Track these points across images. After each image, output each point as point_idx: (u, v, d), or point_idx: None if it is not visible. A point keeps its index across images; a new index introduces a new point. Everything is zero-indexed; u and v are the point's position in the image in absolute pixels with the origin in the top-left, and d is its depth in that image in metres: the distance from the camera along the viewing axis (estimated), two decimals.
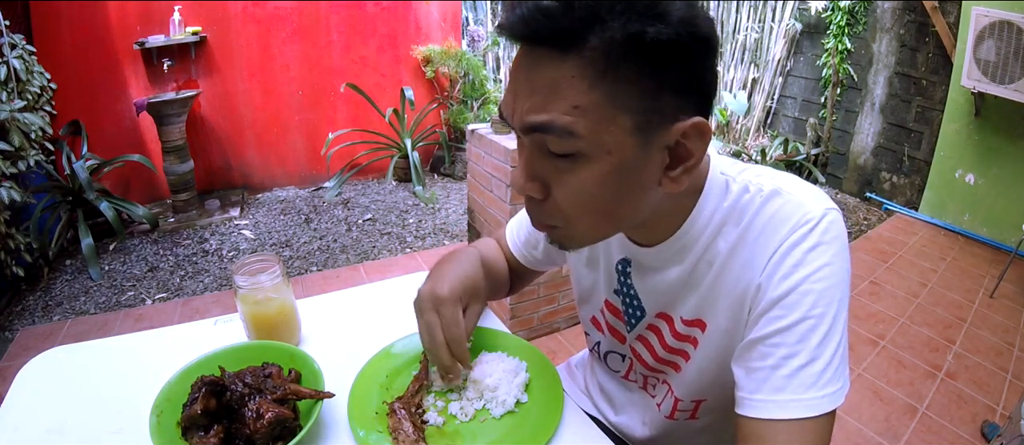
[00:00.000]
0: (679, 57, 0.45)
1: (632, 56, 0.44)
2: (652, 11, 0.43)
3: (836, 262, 0.52)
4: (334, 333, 0.83)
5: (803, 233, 0.52)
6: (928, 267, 3.04)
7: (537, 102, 0.47)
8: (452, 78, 4.33)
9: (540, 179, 0.51)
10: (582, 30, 0.44)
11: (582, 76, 0.45)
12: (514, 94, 0.49)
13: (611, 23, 0.43)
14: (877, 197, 3.95)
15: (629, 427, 0.80)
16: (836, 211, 0.54)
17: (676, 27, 0.44)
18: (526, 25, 0.45)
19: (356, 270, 2.90)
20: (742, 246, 0.56)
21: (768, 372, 0.51)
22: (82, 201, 2.91)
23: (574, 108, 0.45)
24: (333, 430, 0.64)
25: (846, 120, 4.08)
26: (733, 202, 0.57)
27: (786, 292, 0.52)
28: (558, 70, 0.45)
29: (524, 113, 0.48)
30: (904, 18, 3.60)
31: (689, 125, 0.48)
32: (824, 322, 0.51)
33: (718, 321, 0.59)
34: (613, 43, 0.44)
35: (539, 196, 0.52)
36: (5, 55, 2.57)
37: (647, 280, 0.65)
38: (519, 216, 0.84)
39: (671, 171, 0.50)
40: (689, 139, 0.49)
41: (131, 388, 0.67)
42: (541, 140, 0.49)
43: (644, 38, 0.43)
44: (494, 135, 2.17)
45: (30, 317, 2.44)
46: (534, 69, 0.47)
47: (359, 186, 4.10)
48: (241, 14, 3.57)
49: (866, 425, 1.87)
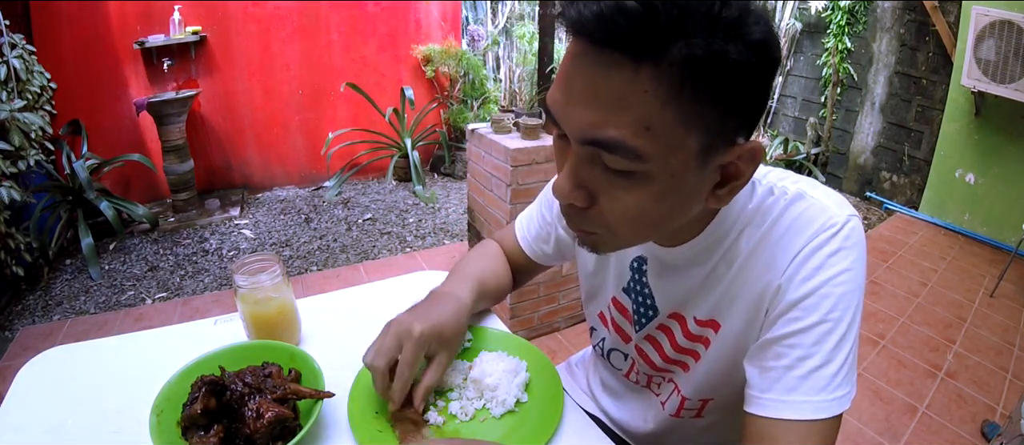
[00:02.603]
0: (753, 79, 0.43)
1: (711, 75, 0.41)
2: (737, 30, 0.41)
3: (855, 268, 0.52)
4: (334, 333, 0.82)
5: (826, 237, 0.52)
6: (928, 267, 3.04)
7: (602, 115, 0.43)
8: (452, 77, 4.33)
9: (587, 188, 0.48)
10: (665, 40, 0.40)
11: (655, 91, 0.41)
12: (568, 96, 0.45)
13: (695, 37, 0.40)
14: (877, 197, 3.95)
15: (631, 423, 0.79)
16: (857, 218, 0.54)
17: (757, 49, 0.42)
18: (602, 24, 0.40)
19: (356, 270, 2.90)
20: (763, 247, 0.55)
21: (782, 372, 0.52)
22: (82, 201, 2.91)
23: (645, 129, 0.42)
24: (333, 430, 0.63)
25: (846, 119, 4.08)
26: (757, 204, 0.57)
27: (806, 294, 0.52)
28: (630, 81, 0.41)
29: (585, 125, 0.44)
30: (904, 17, 3.60)
31: (747, 149, 0.47)
32: (840, 326, 0.51)
33: (733, 321, 0.59)
34: (694, 59, 0.40)
35: (583, 205, 0.49)
36: (5, 55, 2.57)
37: (665, 279, 0.65)
38: (530, 210, 0.83)
39: (718, 190, 0.49)
40: (742, 160, 0.47)
41: (131, 388, 0.67)
42: (597, 153, 0.45)
43: (726, 58, 0.40)
44: (494, 135, 2.17)
45: (30, 317, 2.44)
46: (600, 75, 0.42)
47: (359, 186, 4.10)
48: (241, 14, 3.57)
49: (866, 425, 1.87)
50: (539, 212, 0.81)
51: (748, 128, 0.47)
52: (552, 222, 0.79)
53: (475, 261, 0.82)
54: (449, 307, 0.69)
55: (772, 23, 0.43)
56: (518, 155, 2.03)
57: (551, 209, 0.79)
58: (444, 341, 0.66)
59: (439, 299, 0.70)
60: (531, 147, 2.05)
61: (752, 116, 0.46)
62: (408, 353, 0.62)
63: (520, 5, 4.99)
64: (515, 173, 2.05)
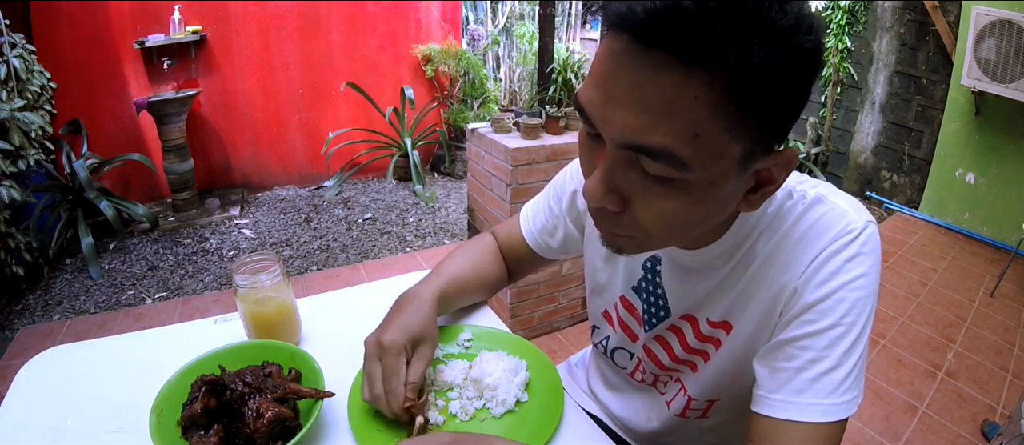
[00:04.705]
0: (798, 88, 0.42)
1: (762, 83, 0.39)
2: (791, 38, 0.39)
3: (871, 274, 0.52)
4: (334, 332, 0.82)
5: (844, 242, 0.52)
6: (928, 266, 3.04)
7: (648, 120, 0.41)
8: (452, 77, 4.33)
9: (620, 193, 0.46)
10: (720, 44, 0.38)
11: (705, 97, 0.39)
12: (607, 97, 0.43)
13: (751, 43, 0.38)
14: (877, 196, 3.95)
15: (634, 421, 0.79)
16: (874, 224, 0.54)
17: (808, 59, 0.40)
18: (655, 23, 0.38)
19: (356, 269, 2.90)
20: (781, 250, 0.56)
21: (792, 374, 0.52)
22: (82, 200, 2.91)
23: (694, 137, 0.40)
24: (333, 429, 0.63)
25: (846, 119, 4.08)
26: (776, 207, 0.57)
27: (822, 298, 0.52)
28: (680, 86, 0.39)
29: (628, 129, 0.42)
30: (904, 17, 3.60)
31: (783, 155, 0.46)
32: (853, 331, 0.51)
33: (745, 323, 0.59)
34: (747, 67, 0.38)
35: (616, 209, 0.47)
36: (5, 54, 2.57)
37: (681, 281, 0.64)
38: (535, 202, 0.82)
39: (751, 195, 0.49)
40: (777, 166, 0.47)
41: (131, 387, 0.67)
42: (635, 157, 0.44)
43: (780, 67, 0.39)
44: (494, 134, 2.17)
45: (30, 316, 2.44)
46: (647, 77, 0.40)
47: (359, 185, 4.10)
48: (241, 13, 3.57)
49: (866, 424, 1.87)
50: (546, 204, 0.80)
51: (785, 133, 0.46)
52: (560, 214, 0.78)
53: (453, 258, 0.81)
54: (410, 307, 0.69)
55: (823, 28, 0.42)
56: (518, 155, 2.03)
57: (559, 201, 0.78)
58: (416, 338, 0.66)
59: (401, 304, 0.71)
60: (531, 147, 2.05)
61: (792, 123, 0.45)
62: (388, 365, 0.62)
63: (520, 5, 4.99)
64: (515, 172, 2.05)
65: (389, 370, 0.62)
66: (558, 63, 3.96)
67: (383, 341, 0.63)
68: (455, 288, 0.77)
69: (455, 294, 0.77)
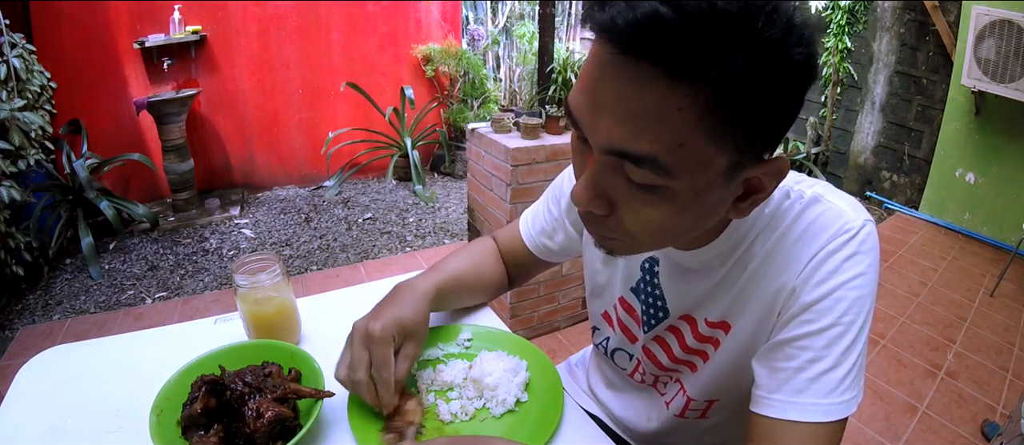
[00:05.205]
0: (788, 100, 0.42)
1: (749, 95, 0.39)
2: (778, 51, 0.38)
3: (869, 273, 0.52)
4: (334, 332, 0.82)
5: (842, 241, 0.52)
6: (928, 266, 3.04)
7: (633, 129, 0.41)
8: (452, 77, 4.33)
9: (607, 197, 0.47)
10: (704, 58, 0.37)
11: (690, 110, 0.39)
12: (594, 105, 0.43)
13: (735, 57, 0.37)
14: (877, 196, 3.95)
15: (634, 421, 0.79)
16: (872, 223, 0.54)
17: (798, 71, 0.40)
18: (637, 35, 0.37)
19: (356, 269, 2.90)
20: (779, 250, 0.55)
21: (791, 373, 0.52)
22: (82, 200, 2.91)
23: (679, 146, 0.40)
24: (333, 429, 0.63)
25: (846, 119, 4.08)
26: (774, 207, 0.57)
27: (820, 297, 0.52)
28: (665, 97, 0.39)
29: (614, 137, 0.42)
30: (904, 17, 3.60)
31: (773, 164, 0.46)
32: (851, 330, 0.51)
33: (744, 323, 0.59)
34: (731, 80, 0.38)
35: (603, 213, 0.48)
36: (5, 54, 2.57)
37: (678, 282, 0.64)
38: (535, 206, 0.83)
39: (740, 202, 0.49)
40: (767, 175, 0.47)
41: (131, 387, 0.67)
42: (620, 163, 0.44)
43: (766, 80, 0.39)
44: (494, 134, 2.17)
45: (30, 316, 2.44)
46: (632, 88, 0.40)
47: (359, 185, 4.10)
48: (241, 13, 3.57)
49: (866, 424, 1.88)
50: (546, 207, 0.80)
51: (775, 143, 0.46)
52: (559, 217, 0.79)
53: (453, 257, 0.81)
54: (406, 298, 0.68)
55: (817, 38, 0.41)
56: (518, 154, 2.03)
57: (558, 204, 0.78)
58: (406, 331, 0.65)
59: (396, 294, 0.70)
60: (531, 146, 2.05)
61: (782, 133, 0.45)
62: (379, 354, 0.61)
63: (520, 5, 4.99)
64: (515, 172, 2.05)
65: (380, 360, 0.61)
66: (558, 63, 3.95)
67: (375, 330, 0.62)
68: (453, 286, 0.76)
69: (452, 292, 0.77)
